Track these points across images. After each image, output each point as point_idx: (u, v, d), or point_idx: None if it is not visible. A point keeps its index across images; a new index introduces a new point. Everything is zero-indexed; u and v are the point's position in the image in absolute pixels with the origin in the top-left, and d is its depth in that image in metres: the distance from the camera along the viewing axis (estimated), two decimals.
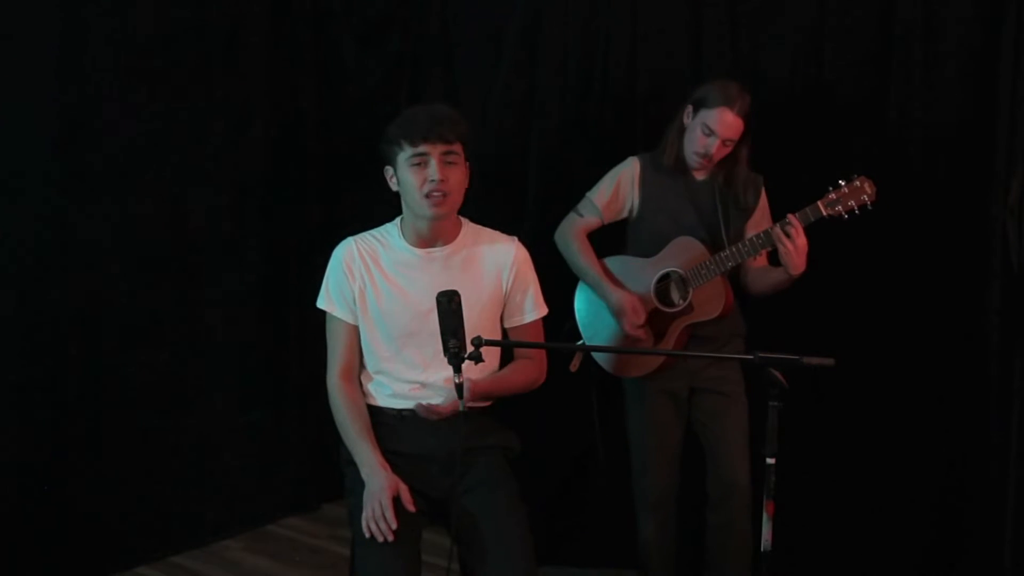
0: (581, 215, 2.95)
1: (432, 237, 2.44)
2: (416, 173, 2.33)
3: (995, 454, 2.89)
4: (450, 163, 2.34)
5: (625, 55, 3.35)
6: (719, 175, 2.87)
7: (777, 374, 1.99)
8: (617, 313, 2.86)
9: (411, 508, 2.28)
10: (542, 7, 3.49)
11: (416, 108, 2.42)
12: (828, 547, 3.15)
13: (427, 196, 2.32)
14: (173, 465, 3.56)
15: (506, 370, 2.51)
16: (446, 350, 2.06)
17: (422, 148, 2.31)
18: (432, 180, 2.31)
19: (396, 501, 2.27)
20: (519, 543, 2.28)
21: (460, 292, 2.08)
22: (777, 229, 2.67)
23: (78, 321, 3.26)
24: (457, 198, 2.38)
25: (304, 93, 3.94)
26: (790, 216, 2.67)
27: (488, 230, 2.53)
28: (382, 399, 2.46)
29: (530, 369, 2.52)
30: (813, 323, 3.04)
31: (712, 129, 2.73)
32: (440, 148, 2.31)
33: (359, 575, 2.31)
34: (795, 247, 2.64)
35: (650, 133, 3.16)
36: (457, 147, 2.34)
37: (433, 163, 2.31)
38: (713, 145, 2.75)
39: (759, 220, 2.87)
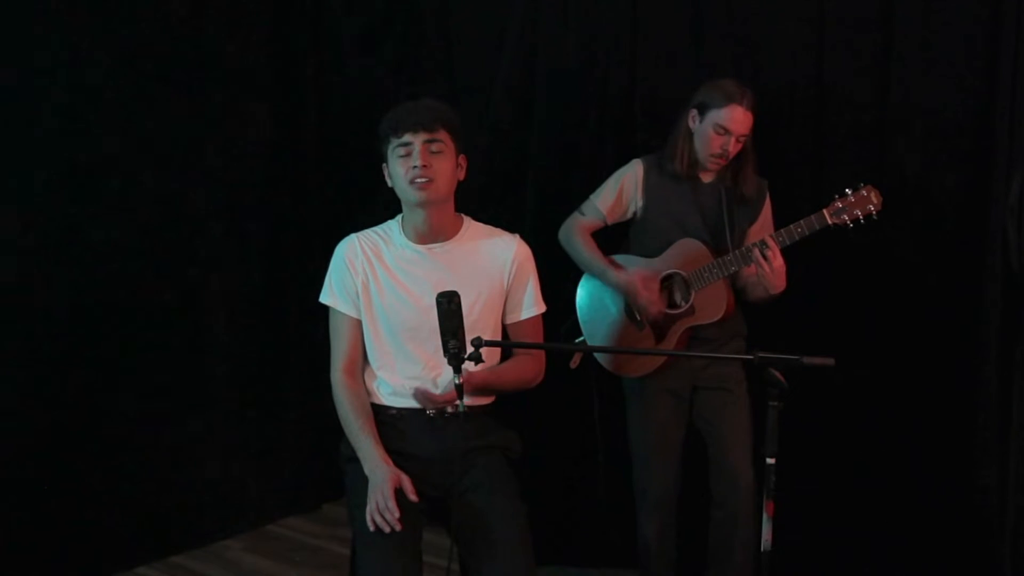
0: (584, 214, 2.96)
1: (431, 232, 2.44)
2: (402, 163, 2.35)
3: (995, 454, 2.89)
4: (435, 152, 2.35)
5: (625, 55, 3.35)
6: (727, 176, 2.87)
7: (777, 374, 1.99)
8: (629, 293, 2.84)
9: (413, 498, 2.27)
10: (542, 7, 3.49)
11: (403, 103, 2.43)
12: (828, 547, 3.15)
13: (411, 182, 2.34)
14: (173, 465, 3.57)
15: (504, 364, 2.51)
16: (446, 351, 2.06)
17: (406, 138, 2.34)
18: (415, 167, 2.33)
19: (399, 493, 2.26)
20: (519, 543, 2.28)
21: (461, 288, 2.08)
22: (756, 251, 2.67)
23: (78, 320, 3.26)
24: (443, 184, 2.37)
25: (304, 93, 3.94)
26: (767, 238, 2.68)
27: (489, 227, 2.53)
28: (383, 397, 2.46)
29: (529, 365, 2.51)
30: (813, 323, 3.04)
31: (726, 128, 2.74)
32: (423, 136, 2.33)
33: (359, 574, 2.31)
34: (771, 269, 2.65)
35: (650, 133, 3.17)
36: (442, 135, 2.36)
37: (417, 150, 2.33)
38: (729, 143, 2.75)
39: (760, 229, 2.86)
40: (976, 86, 2.88)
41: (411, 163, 2.34)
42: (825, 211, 2.68)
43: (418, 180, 2.33)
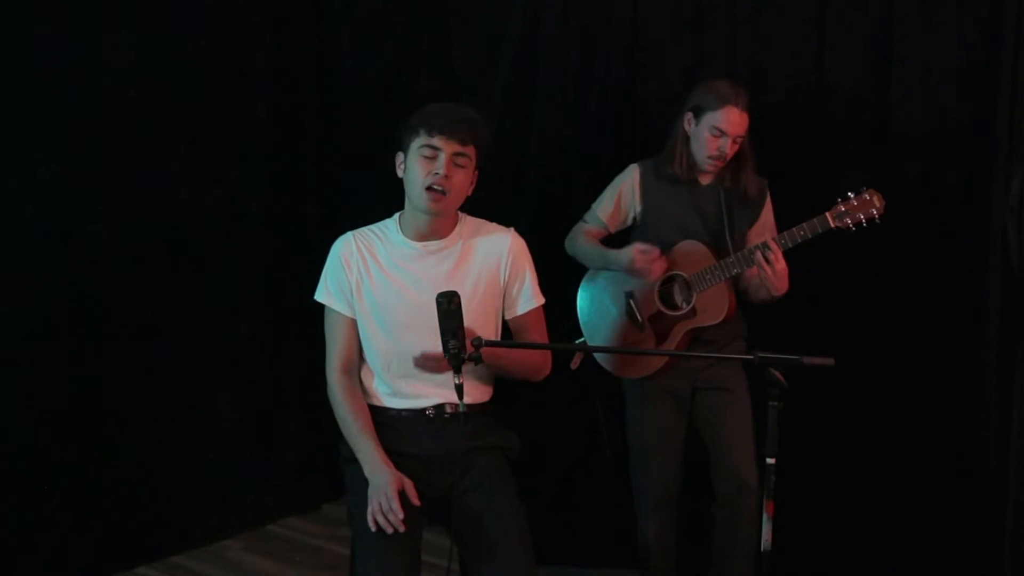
0: (587, 222, 2.99)
1: (430, 232, 2.44)
2: (423, 164, 2.33)
3: (995, 454, 2.89)
4: (459, 165, 2.34)
5: (625, 56, 3.35)
6: (726, 177, 2.87)
7: (777, 374, 1.99)
8: (631, 264, 2.80)
9: (416, 502, 2.28)
10: (542, 7, 3.49)
11: (444, 103, 2.42)
12: (828, 547, 3.15)
13: (427, 189, 2.33)
14: (173, 465, 3.56)
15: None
16: (446, 351, 2.06)
17: (436, 141, 2.32)
18: (436, 173, 2.31)
19: (401, 494, 2.26)
20: (519, 543, 2.28)
21: (457, 284, 2.08)
22: (758, 253, 2.67)
23: (78, 320, 3.26)
24: (454, 199, 2.37)
25: (304, 93, 3.94)
26: (769, 240, 2.67)
27: (485, 222, 2.53)
28: (383, 399, 2.46)
29: (536, 353, 2.52)
30: (813, 323, 3.04)
31: (722, 130, 2.73)
32: (453, 147, 2.32)
33: (359, 574, 2.31)
34: (774, 272, 2.65)
35: (649, 133, 3.16)
36: (470, 150, 2.35)
37: (442, 158, 2.32)
38: (726, 145, 2.75)
39: (760, 230, 2.86)
40: (976, 86, 2.88)
41: (433, 168, 2.32)
42: (828, 214, 2.68)
43: (435, 188, 2.32)
